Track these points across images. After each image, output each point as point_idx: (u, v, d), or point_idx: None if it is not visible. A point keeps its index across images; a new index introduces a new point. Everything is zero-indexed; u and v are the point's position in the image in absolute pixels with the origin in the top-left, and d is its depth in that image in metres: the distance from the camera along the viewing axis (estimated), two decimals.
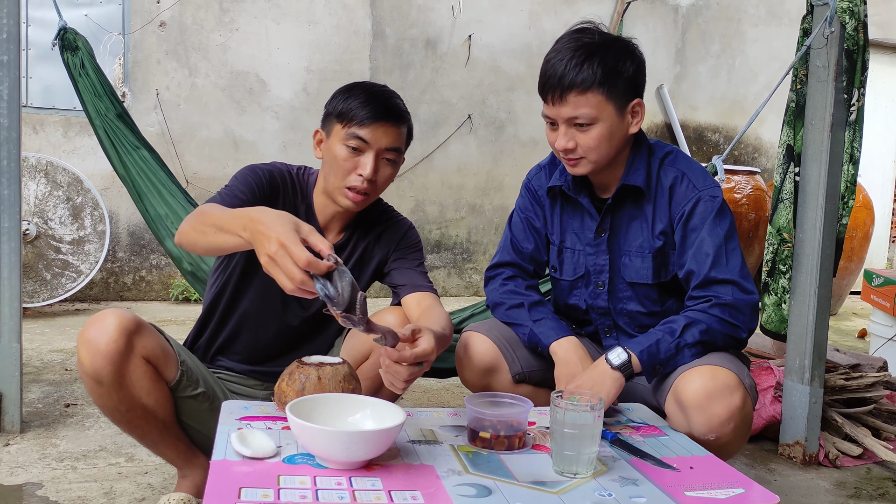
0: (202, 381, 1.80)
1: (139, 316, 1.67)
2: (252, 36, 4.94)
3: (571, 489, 1.28)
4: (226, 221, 1.45)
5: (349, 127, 1.77)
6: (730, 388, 1.58)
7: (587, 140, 1.72)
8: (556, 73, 1.70)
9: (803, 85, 2.48)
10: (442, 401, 3.06)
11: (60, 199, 4.28)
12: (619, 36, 1.78)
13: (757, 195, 4.88)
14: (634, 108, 1.75)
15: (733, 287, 1.72)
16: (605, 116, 1.70)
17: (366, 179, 1.78)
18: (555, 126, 1.76)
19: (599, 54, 1.68)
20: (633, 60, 1.73)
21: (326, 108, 1.85)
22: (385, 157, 1.80)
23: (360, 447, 1.28)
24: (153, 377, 1.68)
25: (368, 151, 1.77)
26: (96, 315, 1.63)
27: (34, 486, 2.05)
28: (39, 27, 4.44)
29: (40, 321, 4.08)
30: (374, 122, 1.76)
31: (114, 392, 1.63)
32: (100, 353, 1.58)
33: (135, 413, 1.69)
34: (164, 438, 1.78)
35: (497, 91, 5.51)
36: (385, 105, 1.79)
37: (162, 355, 1.69)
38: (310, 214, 1.90)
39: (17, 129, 2.38)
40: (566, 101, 1.69)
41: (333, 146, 1.80)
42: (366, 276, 1.98)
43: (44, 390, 2.86)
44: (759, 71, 6.21)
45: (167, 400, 1.73)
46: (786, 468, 2.46)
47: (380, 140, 1.78)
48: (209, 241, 1.53)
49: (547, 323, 1.84)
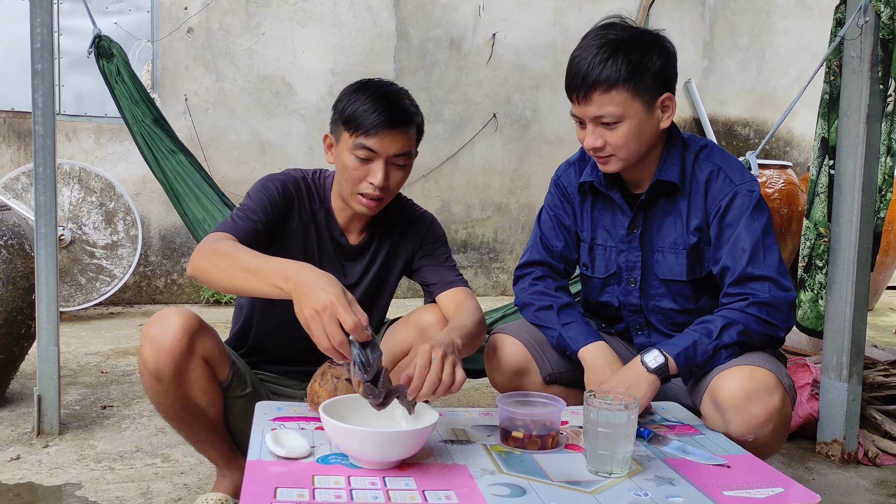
0: (250, 382, 1.83)
1: (199, 316, 1.69)
2: (278, 40, 4.98)
3: (606, 489, 1.27)
4: (262, 270, 1.47)
5: (356, 136, 1.73)
6: (768, 389, 1.55)
7: (615, 138, 1.69)
8: (581, 71, 1.67)
9: (837, 76, 2.44)
10: (472, 401, 3.05)
11: (94, 205, 4.34)
12: (647, 29, 1.74)
13: (789, 190, 4.81)
14: (664, 102, 1.72)
15: (770, 284, 1.68)
16: (632, 113, 1.68)
17: (377, 187, 1.76)
18: (583, 125, 1.73)
19: (624, 50, 1.65)
20: (661, 54, 1.69)
21: (333, 110, 1.81)
22: (395, 163, 1.77)
23: (394, 447, 1.28)
24: (210, 377, 1.71)
25: (377, 160, 1.74)
26: (160, 313, 1.65)
27: (73, 487, 2.08)
28: (71, 36, 4.51)
29: (76, 325, 4.14)
30: (380, 131, 1.72)
31: (172, 390, 1.66)
32: (163, 351, 1.61)
33: (188, 411, 1.72)
34: (211, 438, 1.81)
35: (522, 89, 5.49)
36: (391, 110, 1.73)
37: (218, 356, 1.72)
38: (329, 218, 1.90)
39: (52, 136, 2.41)
40: (591, 100, 1.67)
41: (342, 154, 1.77)
42: (393, 275, 1.98)
43: (81, 392, 2.91)
44: (790, 63, 6.12)
45: (219, 400, 1.76)
46: (824, 467, 2.42)
47: (388, 148, 1.74)
48: (235, 284, 1.53)
49: (576, 327, 1.82)
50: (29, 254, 2.63)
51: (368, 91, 1.76)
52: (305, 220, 1.87)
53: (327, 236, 1.89)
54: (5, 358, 2.62)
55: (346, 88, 1.81)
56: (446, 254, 1.99)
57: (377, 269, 1.94)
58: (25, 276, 2.60)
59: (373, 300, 1.96)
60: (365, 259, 1.93)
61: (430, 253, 1.97)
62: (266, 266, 1.49)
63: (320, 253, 1.89)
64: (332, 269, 1.88)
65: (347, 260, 1.92)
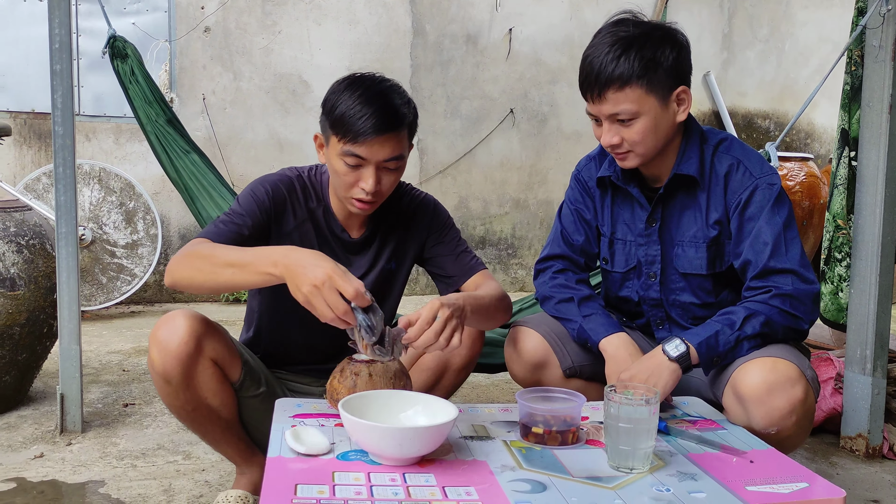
0: (264, 381, 1.82)
1: (208, 318, 1.69)
2: (294, 38, 4.99)
3: (628, 484, 1.26)
4: (247, 261, 1.52)
5: (343, 143, 1.66)
6: (791, 381, 1.54)
7: (632, 134, 1.69)
8: (594, 70, 1.66)
9: (858, 66, 2.41)
10: (492, 396, 3.04)
11: (114, 205, 4.37)
12: (659, 23, 1.73)
13: (811, 182, 4.76)
14: (679, 95, 1.70)
15: (793, 277, 1.67)
16: (647, 109, 1.67)
17: (369, 192, 1.71)
18: (599, 122, 1.73)
19: (636, 47, 1.64)
20: (674, 47, 1.68)
21: (322, 109, 1.74)
22: (386, 167, 1.71)
23: (414, 443, 1.28)
24: (220, 379, 1.71)
25: (368, 166, 1.68)
26: (167, 315, 1.66)
27: (96, 484, 2.10)
28: (89, 37, 4.54)
29: (97, 324, 4.18)
30: (369, 138, 1.64)
31: (181, 392, 1.67)
32: (170, 354, 1.61)
33: (200, 412, 1.72)
34: (226, 437, 1.81)
35: (539, 84, 5.47)
36: (380, 114, 1.64)
37: (228, 357, 1.72)
38: (328, 214, 1.86)
39: (72, 136, 2.43)
40: (605, 98, 1.66)
41: (332, 158, 1.72)
42: (404, 267, 1.95)
43: (103, 391, 2.93)
44: (810, 54, 6.05)
45: (231, 400, 1.76)
46: (848, 461, 2.39)
47: (378, 154, 1.67)
48: (222, 282, 1.56)
49: (597, 319, 1.81)
50: (50, 253, 2.66)
51: (356, 91, 1.67)
52: (302, 219, 1.84)
53: (327, 233, 1.86)
54: (28, 357, 2.65)
55: (333, 86, 1.73)
56: (457, 238, 1.95)
57: (385, 262, 1.90)
58: (47, 275, 2.62)
59: (383, 294, 1.93)
60: (370, 252, 1.89)
61: (440, 241, 1.94)
62: (251, 257, 1.53)
63: (322, 250, 1.83)
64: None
65: (351, 254, 1.88)
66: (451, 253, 1.93)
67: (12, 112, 4.56)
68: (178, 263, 1.63)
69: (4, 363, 2.56)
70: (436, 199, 1.99)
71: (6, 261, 2.53)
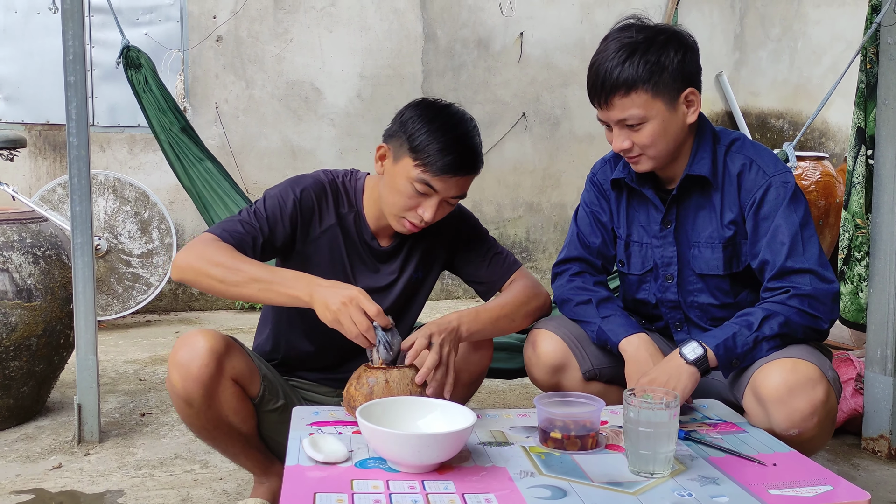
0: (282, 394, 1.82)
1: (226, 335, 1.69)
2: (306, 45, 5.00)
3: (649, 489, 1.25)
4: (276, 280, 1.60)
5: (421, 171, 1.68)
6: (812, 382, 1.52)
7: (642, 139, 1.68)
8: (599, 77, 1.67)
9: (874, 64, 2.39)
10: (509, 402, 3.03)
11: (129, 214, 4.40)
12: (665, 26, 1.71)
13: (826, 181, 4.72)
14: (688, 97, 1.69)
15: (812, 276, 1.65)
16: (654, 113, 1.66)
17: (424, 221, 1.72)
18: (610, 128, 1.73)
19: (640, 52, 1.64)
20: (679, 49, 1.67)
21: (401, 126, 1.73)
22: (449, 202, 1.75)
23: (432, 450, 1.27)
24: (240, 396, 1.71)
25: (434, 197, 1.70)
26: (186, 336, 1.65)
27: (115, 494, 2.10)
28: (103, 48, 4.57)
29: (114, 333, 4.20)
30: (448, 175, 1.68)
31: (203, 413, 1.67)
32: (191, 377, 1.61)
33: (220, 430, 1.73)
34: (245, 451, 1.81)
35: (551, 87, 5.46)
36: (464, 155, 1.69)
37: (248, 373, 1.72)
38: (359, 221, 1.86)
39: (86, 147, 2.45)
40: (612, 104, 1.67)
41: (398, 177, 1.71)
42: (431, 277, 1.96)
43: (120, 400, 2.94)
44: (823, 53, 6.00)
45: (251, 416, 1.76)
46: (870, 463, 2.36)
47: (449, 190, 1.71)
48: (245, 294, 1.62)
49: (616, 319, 1.80)
50: (66, 264, 2.67)
51: (445, 125, 1.70)
52: (328, 224, 1.83)
53: (357, 239, 1.86)
54: (45, 367, 2.67)
55: (421, 111, 1.73)
56: (487, 242, 1.96)
57: (413, 271, 1.91)
58: (63, 286, 2.64)
59: (408, 302, 1.95)
60: (398, 261, 1.90)
61: (472, 248, 1.94)
62: (279, 277, 1.60)
63: (350, 256, 1.86)
64: (364, 271, 1.87)
65: (380, 262, 1.89)
66: (482, 259, 1.94)
67: (27, 124, 4.59)
68: (194, 262, 1.63)
69: (22, 374, 2.58)
70: (463, 206, 1.98)
71: (23, 272, 2.55)
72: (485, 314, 1.77)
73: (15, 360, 2.54)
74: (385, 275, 1.89)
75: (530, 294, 1.88)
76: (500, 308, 1.81)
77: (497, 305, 1.81)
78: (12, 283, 2.52)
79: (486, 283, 1.94)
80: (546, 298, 1.93)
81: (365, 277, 1.87)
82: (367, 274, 1.87)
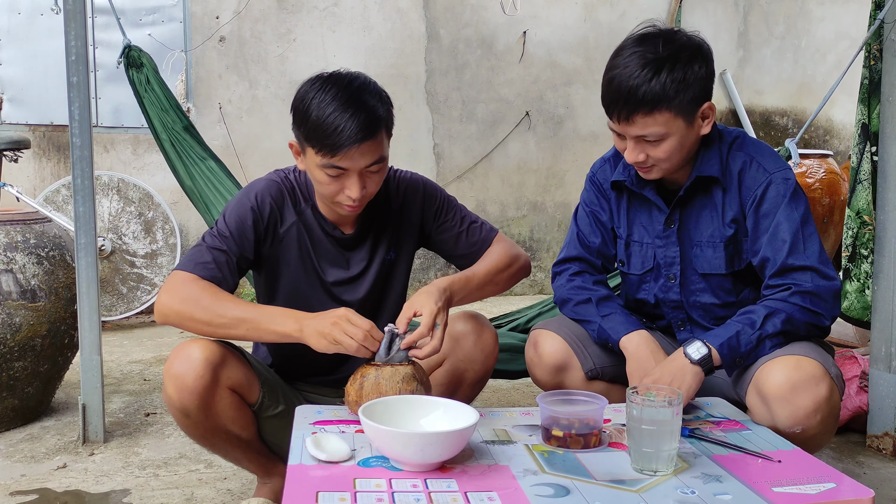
0: (282, 398, 1.80)
1: (222, 344, 1.68)
2: (309, 45, 5.00)
3: (652, 487, 1.25)
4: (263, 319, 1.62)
5: (321, 156, 1.61)
6: (815, 379, 1.51)
7: (658, 153, 1.66)
8: (622, 92, 1.60)
9: (877, 61, 2.38)
10: (513, 400, 3.03)
11: (133, 215, 4.40)
12: (685, 40, 1.65)
13: (830, 179, 4.70)
14: (704, 111, 1.68)
15: (813, 274, 1.65)
16: (674, 130, 1.64)
17: (355, 199, 1.67)
18: (622, 137, 1.69)
19: (666, 69, 1.59)
20: (701, 63, 1.64)
21: (293, 116, 1.67)
22: (370, 171, 1.66)
23: (435, 448, 1.27)
24: (238, 405, 1.70)
25: (350, 175, 1.63)
26: (181, 347, 1.64)
27: (119, 494, 2.10)
28: (106, 49, 4.58)
29: (118, 334, 4.21)
30: (346, 149, 1.59)
31: (200, 423, 1.67)
32: (187, 389, 1.60)
33: (219, 437, 1.72)
34: (247, 455, 1.81)
35: (554, 86, 5.45)
36: (355, 122, 1.58)
37: (246, 382, 1.70)
38: (317, 214, 1.82)
39: (90, 148, 2.45)
40: (633, 122, 1.62)
41: (312, 169, 1.67)
42: (403, 256, 1.91)
43: (124, 400, 2.95)
44: (828, 51, 5.99)
45: (251, 423, 1.75)
46: (875, 461, 2.35)
47: (359, 162, 1.62)
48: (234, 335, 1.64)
49: (616, 318, 1.80)
50: (70, 264, 2.68)
51: (323, 100, 1.60)
52: (290, 223, 1.80)
53: (320, 232, 1.82)
54: (50, 368, 2.67)
55: (301, 90, 1.66)
56: (460, 211, 1.93)
57: (384, 254, 1.86)
58: (67, 286, 2.64)
59: (385, 286, 1.89)
60: (366, 246, 1.85)
61: (444, 219, 1.90)
62: (266, 315, 1.63)
63: (316, 250, 1.81)
64: (332, 262, 1.83)
65: (347, 250, 1.84)
66: (460, 229, 1.91)
67: (31, 125, 4.61)
68: (177, 307, 1.63)
69: (27, 374, 2.58)
70: (425, 178, 1.93)
71: (27, 272, 2.55)
72: (475, 280, 1.79)
73: (19, 360, 2.54)
74: (355, 263, 1.84)
75: (513, 257, 1.89)
76: (487, 274, 1.82)
77: (484, 272, 1.82)
78: (16, 284, 2.52)
79: (468, 255, 1.91)
80: (526, 260, 1.94)
81: (335, 270, 1.83)
82: (335, 266, 1.83)
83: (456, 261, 1.96)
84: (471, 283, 1.77)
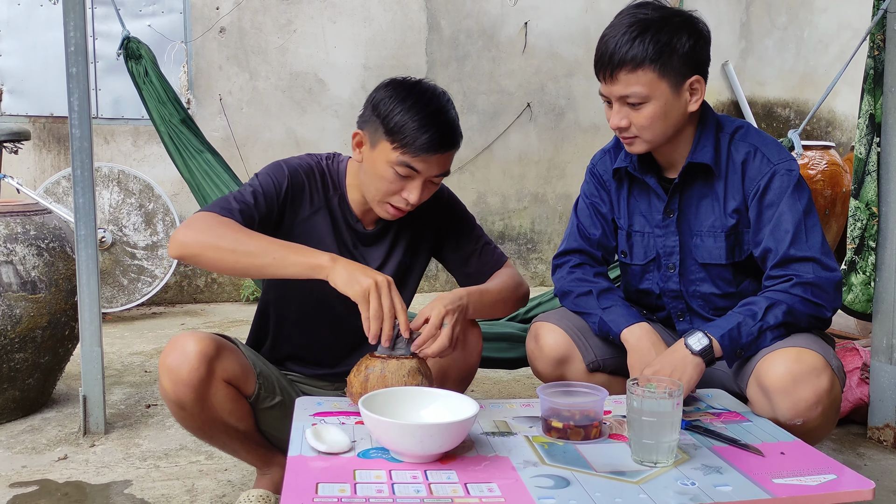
0: (278, 390, 1.80)
1: (217, 336, 1.67)
2: (309, 36, 4.99)
3: (652, 478, 1.24)
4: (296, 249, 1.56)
5: (400, 153, 1.64)
6: (816, 371, 1.51)
7: (640, 119, 1.67)
8: (608, 50, 1.65)
9: (881, 51, 2.37)
10: (513, 392, 3.03)
11: (133, 207, 4.40)
12: (681, 9, 1.71)
13: (832, 170, 4.69)
14: (693, 85, 1.68)
15: (814, 265, 1.64)
16: (657, 94, 1.65)
17: (410, 203, 1.69)
18: (611, 104, 1.72)
19: (653, 30, 1.63)
20: (692, 35, 1.66)
21: (373, 110, 1.69)
22: (433, 181, 1.71)
23: (435, 440, 1.27)
24: (234, 397, 1.69)
25: (417, 178, 1.67)
26: (176, 340, 1.62)
27: (120, 485, 2.11)
28: (106, 40, 4.57)
29: (119, 325, 4.21)
30: (428, 154, 1.64)
31: (196, 415, 1.66)
32: (182, 381, 1.60)
33: (216, 430, 1.72)
34: (245, 446, 1.81)
35: (555, 77, 5.44)
36: (441, 132, 1.64)
37: (241, 374, 1.70)
38: (343, 204, 1.82)
39: (89, 139, 2.44)
40: (617, 79, 1.65)
41: (378, 163, 1.68)
42: (419, 262, 1.92)
43: (125, 392, 2.95)
44: (830, 41, 5.97)
45: (248, 415, 1.75)
46: (876, 452, 2.35)
47: (432, 169, 1.67)
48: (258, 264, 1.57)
49: (617, 310, 1.79)
50: (70, 256, 2.68)
51: (417, 103, 1.65)
52: (317, 207, 1.81)
53: (342, 223, 1.83)
54: (51, 360, 2.67)
55: (391, 91, 1.69)
56: (477, 230, 1.94)
57: (401, 256, 1.87)
58: (67, 278, 2.64)
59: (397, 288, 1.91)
60: (384, 245, 1.86)
61: (461, 234, 1.91)
62: (296, 246, 1.58)
63: (336, 239, 1.82)
64: (348, 255, 1.82)
65: (364, 245, 1.85)
66: (474, 248, 1.92)
67: (31, 116, 4.60)
68: (199, 235, 1.58)
69: (27, 366, 2.58)
70: (451, 190, 1.96)
71: (27, 264, 2.55)
72: (488, 296, 1.77)
73: (20, 352, 2.54)
74: (372, 259, 1.85)
75: (519, 284, 1.90)
76: (499, 292, 1.81)
77: (496, 289, 1.81)
78: (17, 276, 2.52)
79: (474, 274, 1.91)
80: (527, 290, 1.93)
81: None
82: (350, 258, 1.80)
83: (462, 278, 1.95)
84: (483, 297, 1.75)
